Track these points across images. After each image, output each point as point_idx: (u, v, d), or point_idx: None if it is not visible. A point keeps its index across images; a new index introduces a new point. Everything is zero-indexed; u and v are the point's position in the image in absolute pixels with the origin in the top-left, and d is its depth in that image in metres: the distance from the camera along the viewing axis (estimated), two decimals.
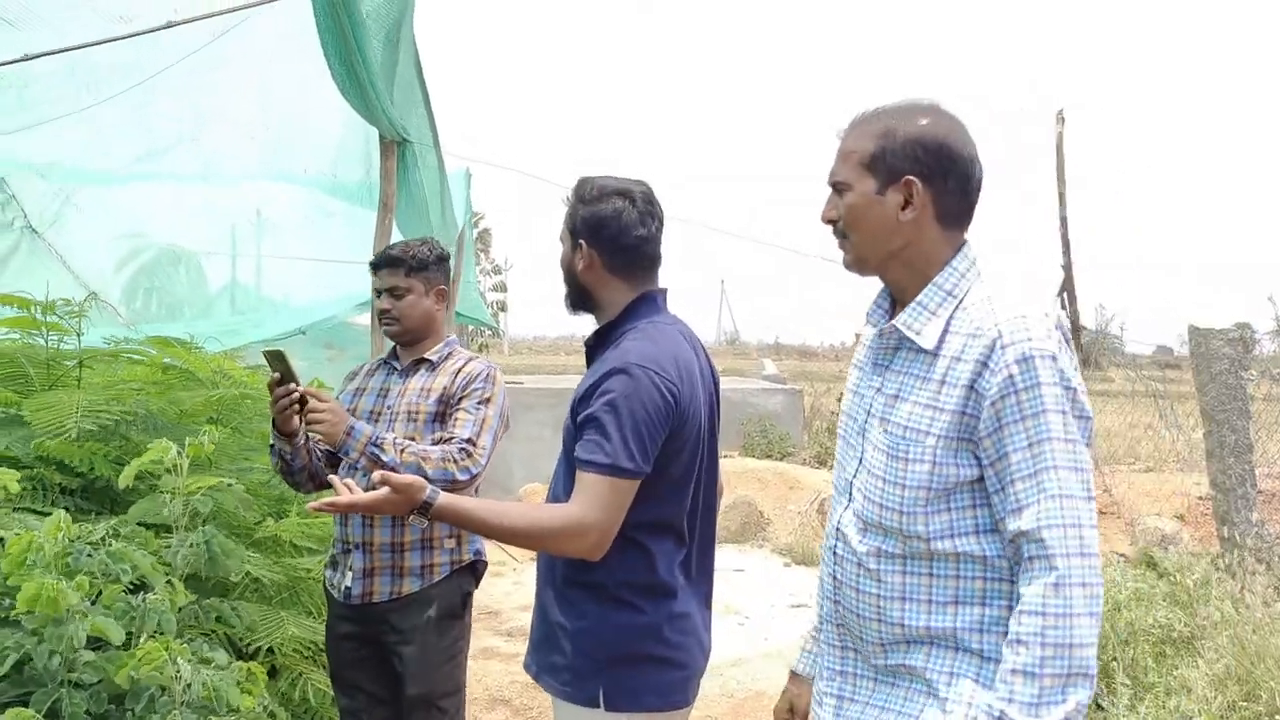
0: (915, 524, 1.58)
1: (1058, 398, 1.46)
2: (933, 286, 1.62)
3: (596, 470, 1.93)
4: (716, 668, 5.09)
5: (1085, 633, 1.41)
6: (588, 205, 2.13)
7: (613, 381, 1.98)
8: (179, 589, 2.57)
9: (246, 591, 3.46)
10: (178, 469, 2.94)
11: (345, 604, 2.84)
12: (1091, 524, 1.45)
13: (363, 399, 2.93)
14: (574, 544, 1.94)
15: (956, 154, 1.60)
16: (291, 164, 5.70)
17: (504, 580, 7.05)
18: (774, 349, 54.42)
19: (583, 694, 2.03)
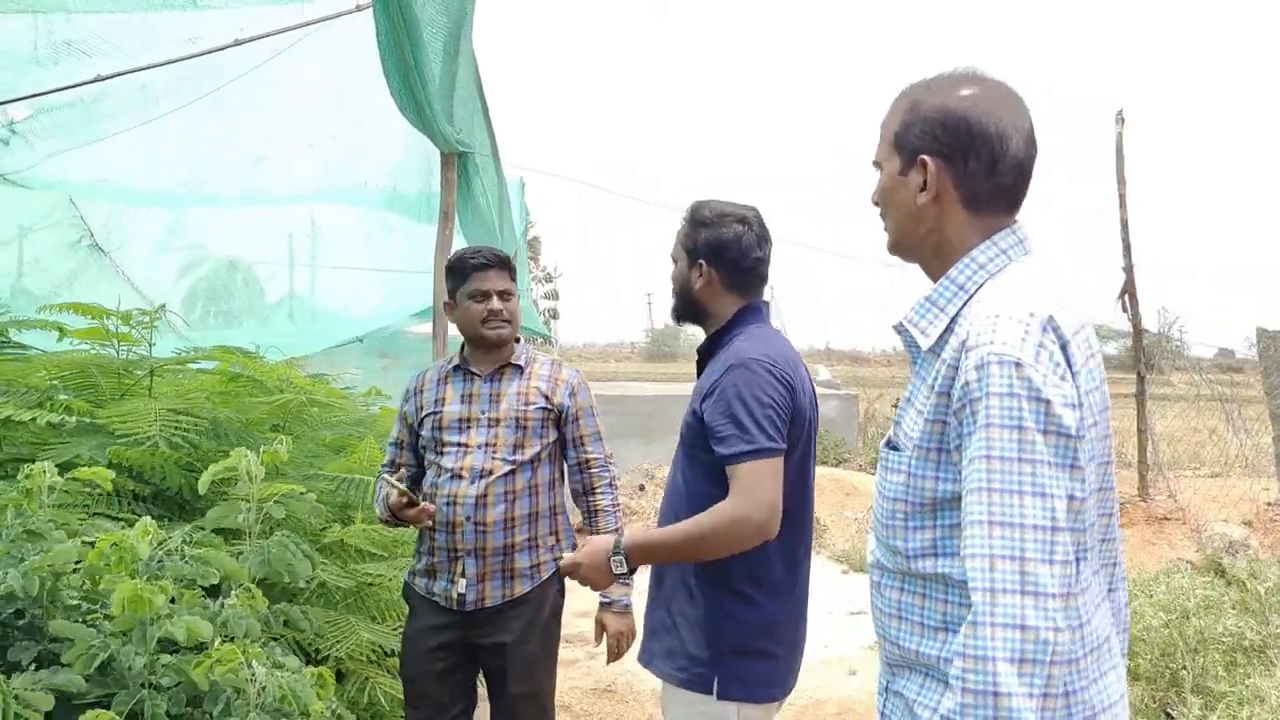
0: (895, 538, 1.48)
1: (1010, 410, 1.27)
2: (945, 279, 1.48)
3: (741, 459, 2.09)
4: None
5: (1009, 680, 1.21)
6: (710, 229, 2.34)
7: (733, 376, 2.16)
8: (257, 594, 2.61)
9: (313, 597, 3.51)
10: (252, 476, 3.00)
11: (455, 611, 2.84)
12: (1044, 556, 1.24)
13: (447, 408, 2.89)
14: (744, 533, 2.08)
15: (979, 130, 1.43)
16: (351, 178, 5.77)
17: None
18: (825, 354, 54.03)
19: (698, 682, 2.19)
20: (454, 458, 2.84)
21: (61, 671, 2.26)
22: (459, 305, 2.90)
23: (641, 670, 5.03)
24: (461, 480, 2.81)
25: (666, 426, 9.99)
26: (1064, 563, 1.25)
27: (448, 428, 2.86)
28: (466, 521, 2.81)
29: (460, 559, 2.83)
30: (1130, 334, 8.94)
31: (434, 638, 2.87)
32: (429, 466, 2.92)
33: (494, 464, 2.84)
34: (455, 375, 2.94)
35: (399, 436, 3.02)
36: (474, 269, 2.88)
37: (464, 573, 2.82)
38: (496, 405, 2.88)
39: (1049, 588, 1.23)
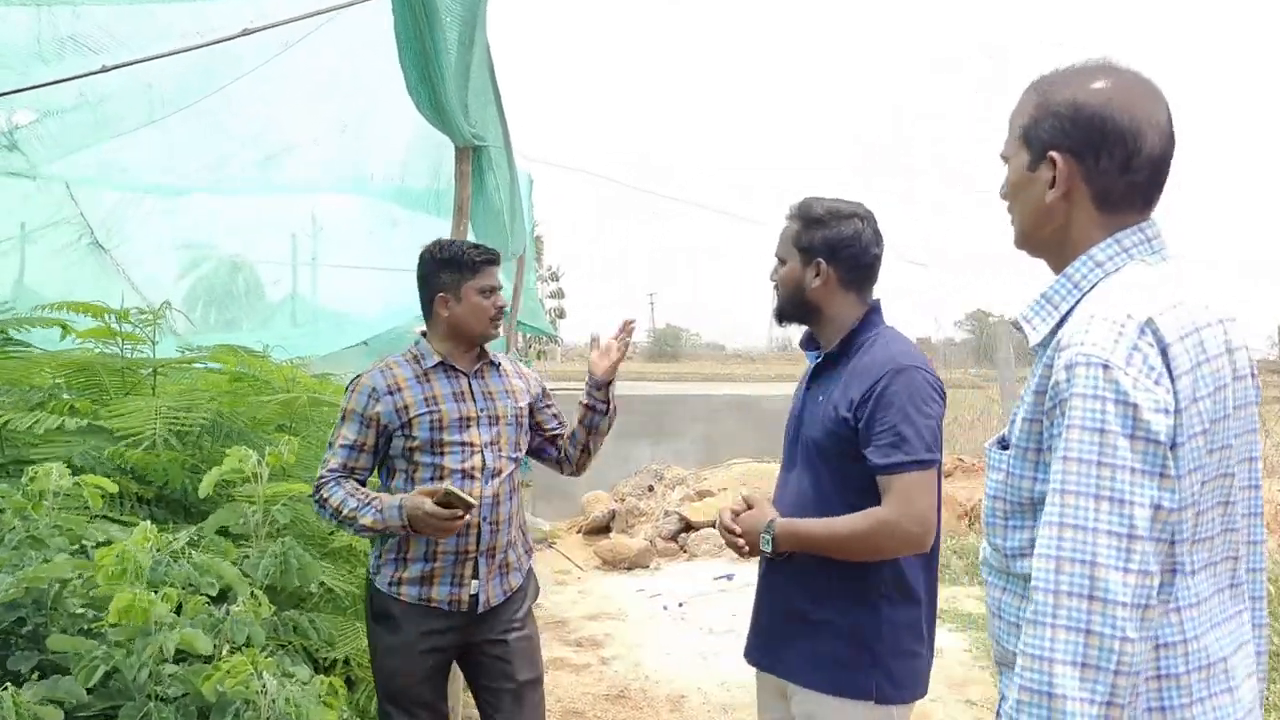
0: (995, 535, 1.47)
1: (1094, 413, 1.24)
2: (1062, 276, 1.44)
3: (902, 470, 2.09)
4: None
5: (1068, 683, 1.19)
6: (827, 226, 2.30)
7: (892, 381, 2.14)
8: (263, 601, 2.53)
9: (321, 602, 3.43)
10: (257, 477, 2.92)
11: (458, 614, 2.75)
12: (1115, 564, 1.20)
13: (442, 405, 2.76)
14: (895, 544, 2.12)
15: (1113, 125, 1.37)
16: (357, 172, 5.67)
17: (568, 589, 7.00)
18: None
19: (856, 688, 2.17)
20: (459, 458, 2.74)
21: (63, 682, 2.18)
22: (463, 300, 2.78)
23: (656, 675, 5.05)
24: (474, 480, 2.73)
25: (675, 427, 9.92)
26: (1141, 572, 1.21)
27: (449, 427, 2.74)
28: (483, 522, 2.74)
29: (471, 560, 2.75)
30: None
31: (427, 643, 2.76)
32: (413, 469, 2.75)
33: (503, 462, 2.80)
34: (437, 373, 2.81)
35: (360, 439, 2.74)
36: (482, 264, 2.79)
37: (476, 574, 2.75)
38: (492, 403, 2.83)
39: (1119, 595, 1.20)
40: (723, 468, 9.49)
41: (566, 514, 9.15)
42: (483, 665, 2.86)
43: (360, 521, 2.64)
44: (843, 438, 2.18)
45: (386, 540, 2.76)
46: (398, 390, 2.75)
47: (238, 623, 2.43)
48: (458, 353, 2.84)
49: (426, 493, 2.57)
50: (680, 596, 6.66)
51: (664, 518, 8.31)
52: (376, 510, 2.63)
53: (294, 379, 4.00)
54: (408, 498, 2.60)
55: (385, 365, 2.83)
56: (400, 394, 2.75)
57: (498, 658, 2.84)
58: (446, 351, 2.83)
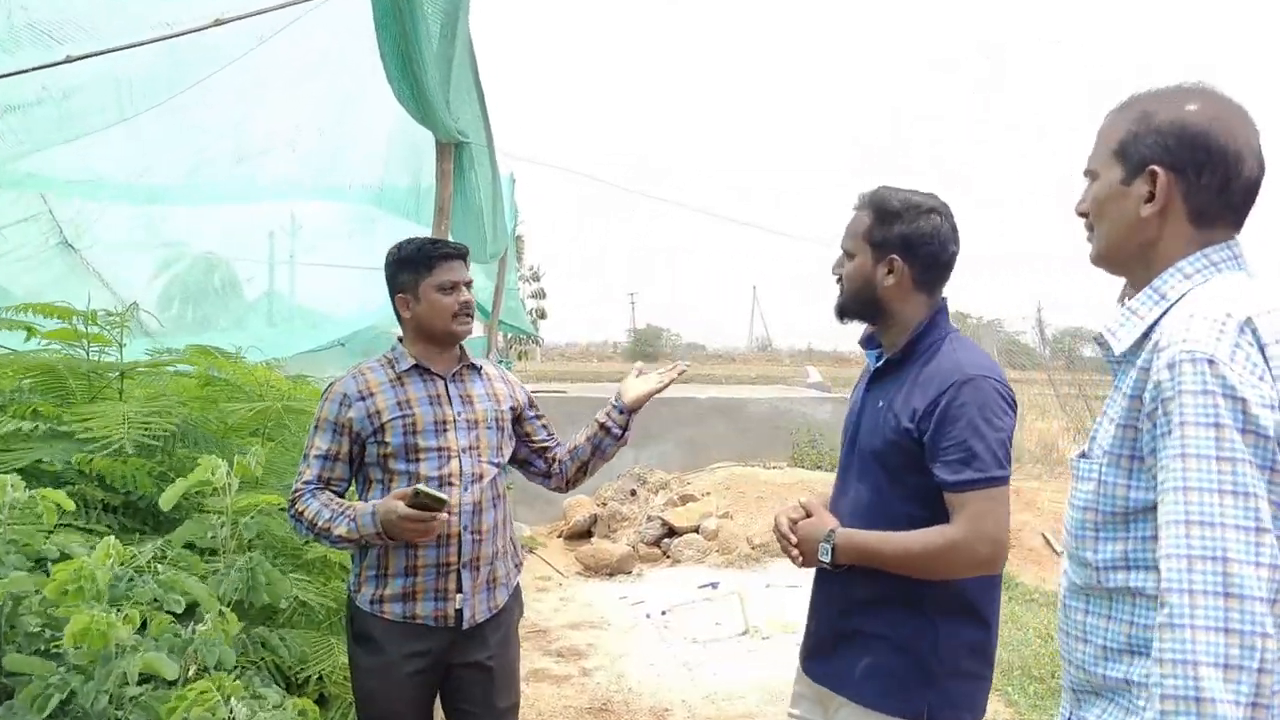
0: (1084, 549, 1.44)
1: (1206, 408, 1.24)
2: (1149, 288, 1.45)
3: (973, 487, 1.97)
4: (779, 692, 4.89)
5: (1215, 686, 1.16)
6: (904, 221, 2.16)
7: (960, 393, 2.02)
8: (231, 620, 2.40)
9: (293, 616, 3.31)
10: (226, 489, 2.80)
11: (443, 631, 2.63)
12: (1247, 558, 1.19)
13: (416, 410, 2.64)
14: (964, 564, 2.00)
15: (1217, 146, 1.40)
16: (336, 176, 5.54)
17: (550, 596, 6.87)
18: (806, 355, 54.04)
19: (908, 706, 2.06)
20: (435, 464, 2.61)
21: (18, 707, 2.05)
22: (422, 299, 2.66)
23: (639, 687, 4.94)
24: (453, 487, 2.61)
25: (658, 430, 9.80)
26: (1272, 565, 1.21)
27: (423, 431, 2.62)
28: (464, 531, 2.62)
29: (454, 572, 2.62)
30: None
31: (412, 664, 2.62)
32: (389, 477, 2.62)
33: (483, 468, 2.68)
34: (412, 376, 2.69)
35: (332, 448, 2.63)
36: (441, 259, 2.67)
37: (460, 587, 2.62)
38: (470, 406, 2.72)
39: (1254, 590, 1.19)
40: (706, 472, 9.39)
41: (547, 518, 9.02)
42: (462, 687, 2.74)
43: (335, 533, 2.52)
44: (904, 449, 2.07)
45: (365, 556, 2.64)
46: (370, 395, 2.64)
47: (205, 644, 2.31)
48: (433, 355, 2.73)
49: (399, 496, 2.44)
50: (663, 604, 6.55)
51: (647, 523, 8.20)
52: (350, 520, 2.50)
53: (268, 383, 3.86)
54: (380, 503, 2.48)
55: (358, 370, 2.71)
56: (372, 399, 2.63)
57: (479, 681, 2.72)
58: (421, 354, 2.73)
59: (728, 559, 7.59)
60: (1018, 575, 7.41)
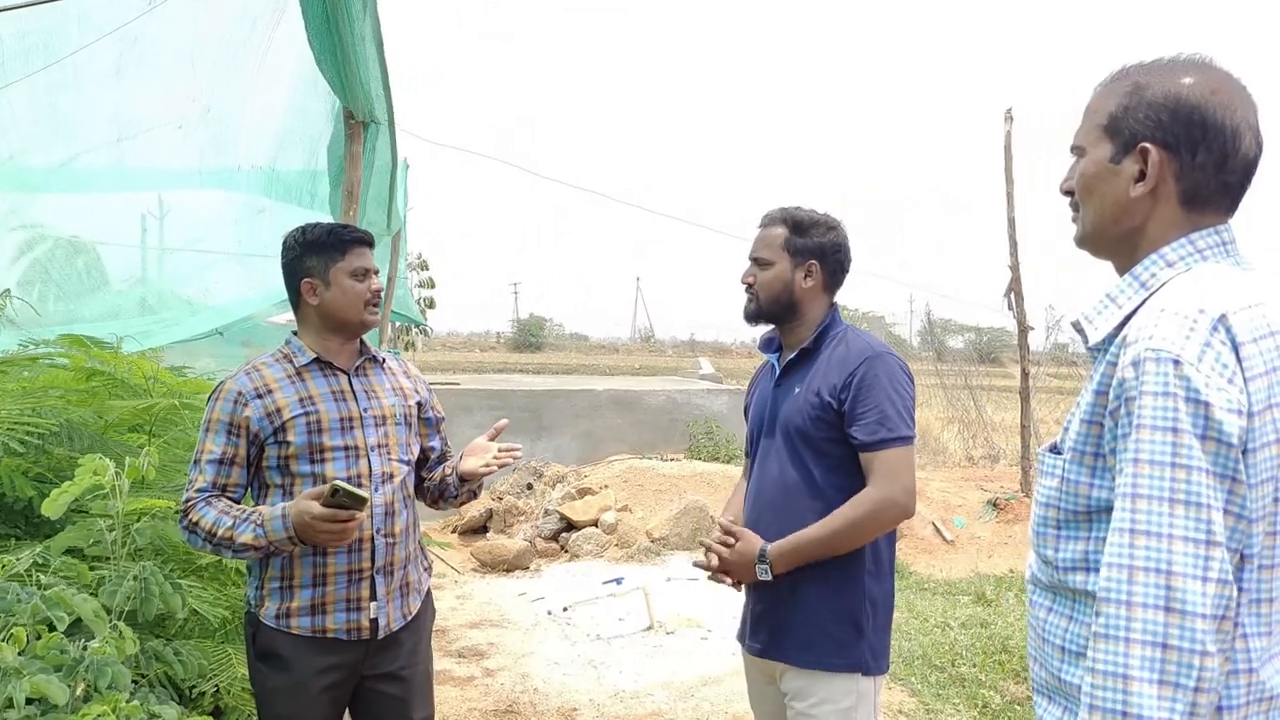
0: (1046, 546, 1.39)
1: (1165, 411, 1.17)
2: (1129, 275, 1.37)
3: (886, 446, 2.28)
4: (689, 688, 4.83)
5: (1148, 702, 1.12)
6: (818, 232, 2.49)
7: (872, 367, 2.34)
8: (127, 635, 2.21)
9: (185, 626, 3.09)
10: (116, 492, 2.58)
11: (356, 643, 2.47)
12: (1193, 573, 1.13)
13: (320, 406, 2.47)
14: (891, 517, 2.30)
15: (1213, 122, 1.31)
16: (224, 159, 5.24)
17: (446, 594, 6.69)
18: (689, 346, 54.45)
19: (850, 664, 2.32)
20: (342, 464, 2.46)
21: None
22: (333, 284, 2.49)
23: (545, 687, 4.83)
24: (363, 489, 2.41)
25: (556, 422, 9.67)
26: (1220, 581, 1.15)
27: (329, 430, 2.46)
28: (376, 535, 2.47)
29: (366, 580, 2.46)
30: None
31: (323, 680, 2.45)
32: (291, 480, 2.46)
33: (394, 466, 2.54)
34: (313, 371, 2.52)
35: (228, 451, 2.42)
36: (353, 243, 2.51)
37: (374, 595, 2.47)
38: (377, 402, 2.56)
39: (1198, 606, 1.13)
40: (604, 465, 9.31)
41: (440, 514, 8.82)
42: (377, 701, 2.58)
43: (239, 540, 2.32)
44: (828, 422, 2.35)
45: (268, 566, 2.46)
46: (268, 392, 2.45)
47: (98, 663, 2.11)
48: (334, 348, 2.56)
49: (312, 495, 2.27)
50: (565, 601, 6.44)
51: (544, 517, 8.07)
52: (256, 526, 2.31)
53: (154, 376, 3.61)
54: (291, 504, 2.30)
55: (252, 367, 2.51)
56: (271, 396, 2.45)
57: (395, 696, 2.57)
58: (321, 347, 2.54)
59: (627, 553, 7.53)
60: (910, 564, 7.54)
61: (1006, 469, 10.48)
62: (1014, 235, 8.68)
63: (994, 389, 14.70)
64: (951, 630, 5.66)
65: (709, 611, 6.06)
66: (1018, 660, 4.98)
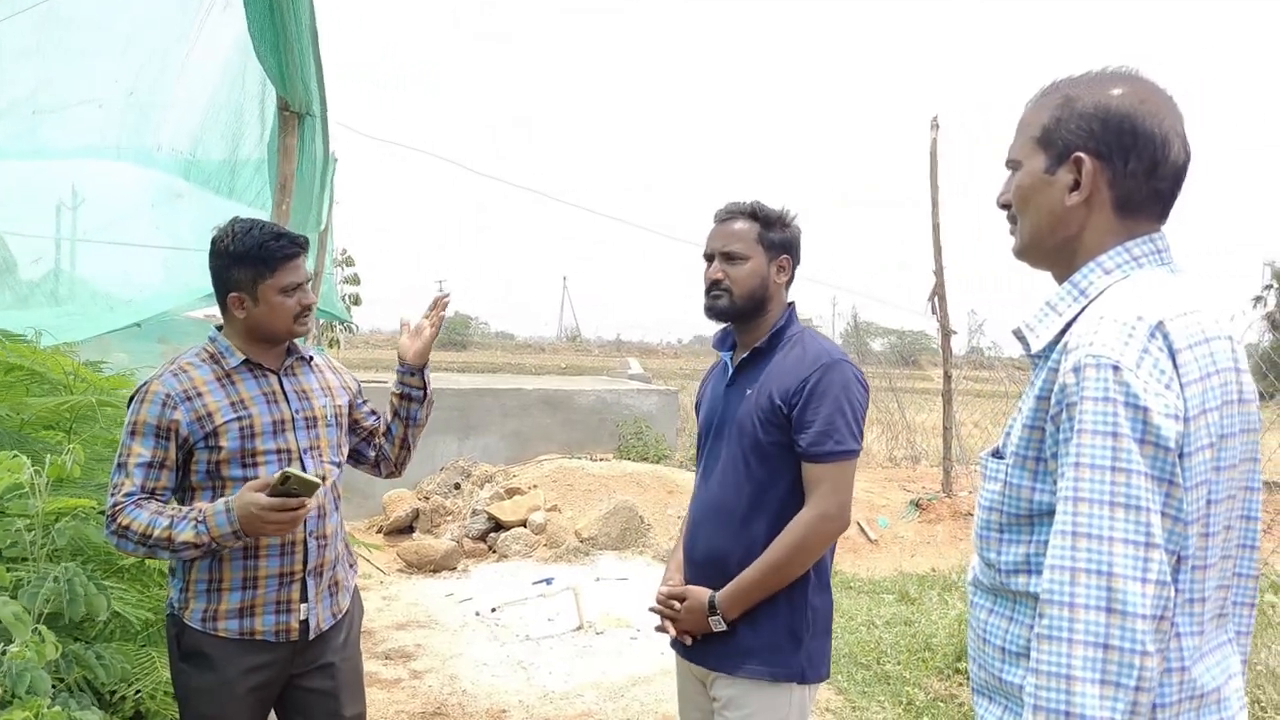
0: (989, 550, 1.42)
1: (1105, 416, 1.20)
2: (1068, 283, 1.40)
3: (833, 459, 2.24)
4: (618, 688, 4.83)
5: (1089, 701, 1.15)
6: (787, 226, 2.43)
7: (826, 374, 2.28)
8: (49, 639, 2.14)
9: (106, 629, 3.00)
10: (38, 491, 2.50)
11: (284, 645, 2.44)
12: (1133, 574, 1.16)
13: (254, 410, 2.42)
14: (829, 534, 2.25)
15: (1143, 130, 1.34)
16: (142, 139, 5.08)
17: (372, 595, 6.59)
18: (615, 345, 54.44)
19: (789, 673, 2.27)
20: (275, 467, 2.40)
21: None
22: (261, 301, 2.41)
23: (474, 688, 4.79)
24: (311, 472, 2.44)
25: (484, 421, 9.59)
26: (1159, 582, 1.18)
27: (261, 434, 2.42)
28: (309, 537, 2.45)
29: (298, 582, 2.44)
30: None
31: (250, 680, 2.41)
32: (221, 484, 2.39)
33: (325, 469, 2.53)
34: (242, 373, 2.46)
35: (157, 455, 2.34)
36: (283, 259, 2.42)
37: (304, 597, 2.45)
38: (308, 403, 2.54)
39: (1138, 607, 1.16)
40: (533, 464, 9.26)
41: (365, 513, 8.68)
42: (304, 701, 2.54)
43: (178, 540, 2.22)
44: (777, 426, 2.29)
45: (191, 569, 2.40)
46: (196, 395, 2.38)
47: (17, 668, 2.04)
48: (260, 350, 2.50)
49: (256, 486, 2.21)
50: (493, 601, 6.39)
51: (472, 517, 8.00)
52: (196, 523, 2.23)
53: (74, 372, 3.50)
54: (235, 498, 2.23)
55: (178, 368, 2.42)
56: (200, 399, 2.38)
57: (324, 692, 2.54)
58: (249, 350, 2.48)
59: (556, 553, 7.49)
60: (836, 564, 7.61)
61: (928, 469, 10.67)
62: (938, 241, 8.84)
63: (913, 391, 14.96)
64: (876, 629, 5.74)
65: (638, 611, 6.06)
66: (941, 658, 5.07)
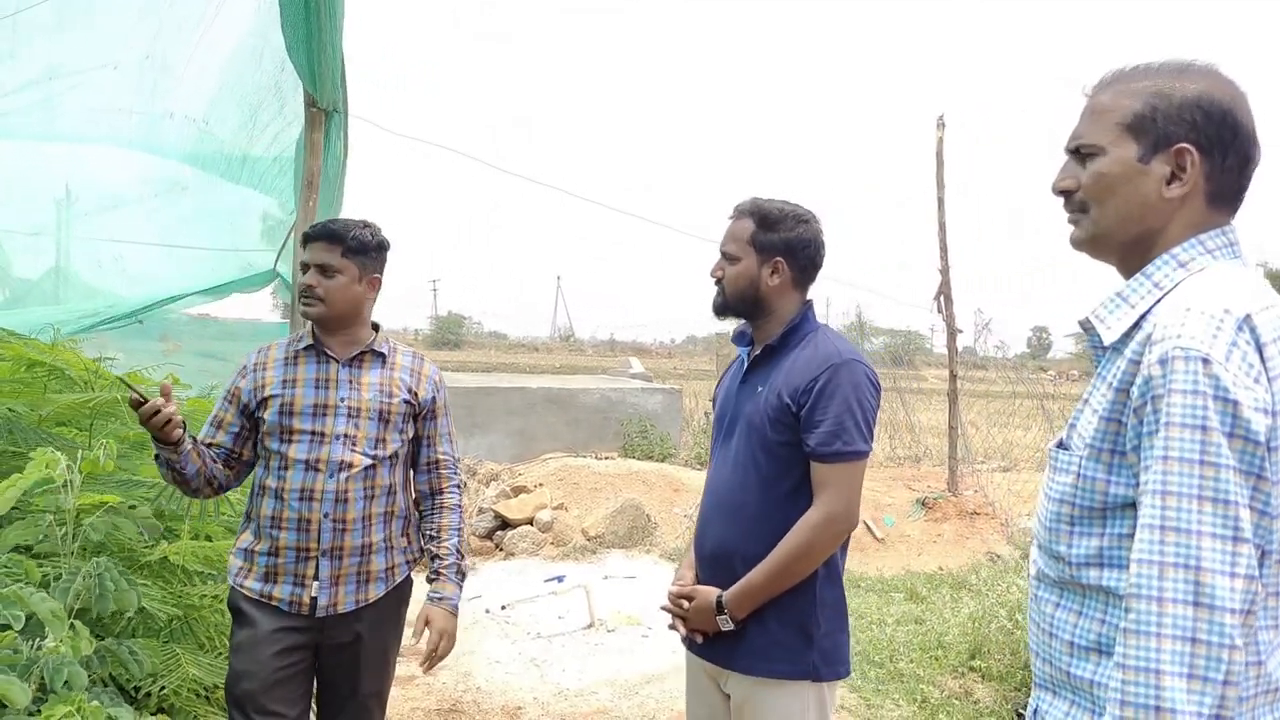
0: (1058, 543, 1.39)
1: (1194, 409, 1.19)
2: (1141, 274, 1.37)
3: (839, 459, 2.22)
4: (632, 686, 4.84)
5: (1178, 696, 1.14)
6: (787, 227, 2.39)
7: (837, 374, 2.25)
8: (83, 634, 2.14)
9: (131, 624, 3.00)
10: (69, 486, 2.49)
11: (302, 617, 2.58)
12: (1221, 568, 1.16)
13: (299, 391, 2.61)
14: (836, 534, 2.24)
15: (1241, 126, 1.33)
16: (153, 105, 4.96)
17: None
18: (609, 345, 54.45)
19: (803, 671, 2.25)
20: (306, 447, 2.58)
21: None
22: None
23: (488, 686, 4.79)
24: (318, 473, 2.57)
25: (489, 420, 9.59)
26: (1247, 577, 1.17)
27: (300, 413, 2.59)
28: (324, 518, 2.58)
29: (313, 559, 2.58)
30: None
31: (276, 641, 2.58)
32: (267, 455, 2.63)
33: (354, 457, 2.62)
34: (308, 356, 2.66)
35: (219, 415, 2.68)
36: (305, 240, 2.69)
37: (317, 575, 2.58)
38: (357, 393, 2.66)
39: (1226, 602, 1.15)
40: (538, 463, 9.26)
41: None
42: (329, 672, 2.70)
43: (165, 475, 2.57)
44: (786, 424, 2.28)
45: (244, 532, 2.68)
46: (263, 368, 2.65)
47: (54, 663, 2.04)
48: (330, 336, 2.67)
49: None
50: (503, 599, 6.39)
51: (478, 515, 8.00)
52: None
53: (95, 370, 3.50)
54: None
55: (270, 344, 2.72)
56: (263, 371, 2.64)
57: (346, 665, 2.69)
58: (322, 335, 2.67)
59: (563, 551, 7.50)
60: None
61: (931, 469, 10.69)
62: (944, 239, 8.86)
63: (910, 391, 14.99)
64: (888, 627, 5.75)
65: (648, 609, 6.06)
66: (954, 656, 5.08)
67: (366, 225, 2.66)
